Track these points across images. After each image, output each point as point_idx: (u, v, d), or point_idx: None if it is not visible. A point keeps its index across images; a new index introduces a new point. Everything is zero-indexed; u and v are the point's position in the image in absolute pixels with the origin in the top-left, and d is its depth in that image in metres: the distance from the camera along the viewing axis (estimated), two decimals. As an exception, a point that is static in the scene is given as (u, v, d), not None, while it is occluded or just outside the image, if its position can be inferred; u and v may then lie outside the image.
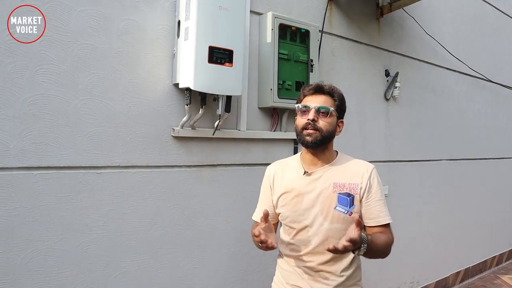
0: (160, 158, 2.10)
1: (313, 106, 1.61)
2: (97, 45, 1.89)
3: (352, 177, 1.65)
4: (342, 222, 1.61)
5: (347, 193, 1.62)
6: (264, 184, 1.84)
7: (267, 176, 1.84)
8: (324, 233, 1.62)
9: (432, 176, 4.00)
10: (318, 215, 1.63)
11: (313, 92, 1.66)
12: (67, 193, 1.82)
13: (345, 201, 1.62)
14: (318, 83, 1.68)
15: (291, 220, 1.69)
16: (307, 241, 1.65)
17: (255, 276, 2.53)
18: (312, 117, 1.60)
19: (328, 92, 1.66)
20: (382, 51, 3.39)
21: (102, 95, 1.90)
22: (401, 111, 3.61)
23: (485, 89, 4.73)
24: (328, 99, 1.65)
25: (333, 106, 1.64)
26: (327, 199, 1.63)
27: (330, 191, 1.63)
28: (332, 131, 1.65)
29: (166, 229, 2.13)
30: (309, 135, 1.61)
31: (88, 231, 1.88)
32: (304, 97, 1.68)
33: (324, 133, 1.61)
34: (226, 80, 2.04)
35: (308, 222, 1.64)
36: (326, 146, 1.67)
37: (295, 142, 2.71)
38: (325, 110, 1.61)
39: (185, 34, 1.99)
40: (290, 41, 2.53)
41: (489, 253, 5.00)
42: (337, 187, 1.63)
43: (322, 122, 1.61)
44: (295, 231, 1.68)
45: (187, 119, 2.10)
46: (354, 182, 1.65)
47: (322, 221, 1.62)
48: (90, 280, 1.89)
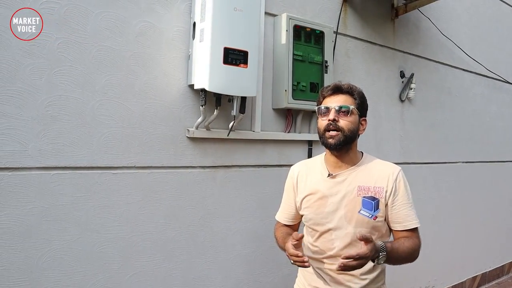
0: (175, 159, 2.11)
1: (333, 106, 1.60)
2: (113, 47, 1.90)
3: (377, 180, 1.62)
4: (366, 226, 1.59)
5: (371, 196, 1.60)
6: (288, 184, 1.84)
7: (290, 176, 1.83)
8: (348, 237, 1.60)
9: (447, 179, 3.95)
10: (342, 219, 1.61)
11: (332, 93, 1.64)
12: (83, 193, 1.84)
13: (370, 205, 1.59)
14: (336, 83, 1.66)
15: (314, 223, 1.67)
16: (330, 244, 1.63)
17: (269, 277, 2.52)
18: (332, 117, 1.58)
19: (347, 91, 1.63)
20: (397, 52, 3.36)
21: (118, 96, 1.92)
22: (416, 113, 3.57)
23: (502, 90, 4.66)
24: (347, 98, 1.62)
25: (353, 104, 1.62)
26: (351, 202, 1.61)
27: (354, 194, 1.61)
28: (355, 130, 1.61)
29: (180, 230, 2.14)
30: (331, 138, 1.58)
31: (104, 231, 1.90)
32: (324, 98, 1.66)
33: (346, 133, 1.58)
34: (241, 81, 2.04)
35: (332, 226, 1.62)
36: (350, 146, 1.64)
37: (309, 144, 2.70)
38: (346, 109, 1.59)
39: (201, 36, 1.99)
40: (304, 42, 2.52)
41: (506, 258, 4.91)
42: (361, 191, 1.61)
43: (343, 122, 1.59)
44: (318, 233, 1.66)
45: (202, 120, 2.10)
46: (379, 185, 1.61)
47: (346, 225, 1.60)
48: (105, 279, 1.91)
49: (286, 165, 2.55)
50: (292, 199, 1.79)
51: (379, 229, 1.62)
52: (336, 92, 1.64)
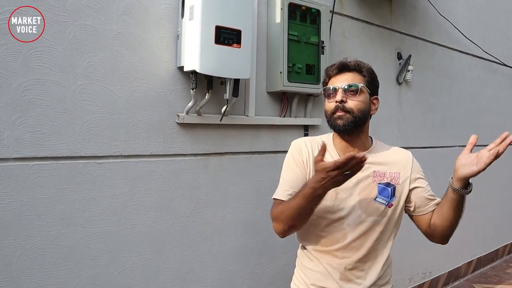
0: (165, 146, 1.98)
1: (340, 86, 1.46)
2: (96, 26, 1.75)
3: (393, 166, 1.53)
4: (380, 215, 1.49)
5: (387, 183, 1.50)
6: (296, 159, 1.54)
7: (298, 151, 1.55)
8: (363, 226, 1.48)
9: (445, 163, 3.86)
10: (355, 206, 1.48)
11: (338, 71, 1.50)
12: (66, 185, 1.70)
13: (386, 191, 1.49)
14: (342, 61, 1.52)
15: (323, 210, 1.48)
16: (342, 234, 1.49)
17: (266, 269, 2.42)
18: (340, 98, 1.44)
19: (354, 68, 1.49)
20: (394, 33, 3.24)
21: (102, 80, 1.78)
22: (413, 96, 3.46)
23: (498, 73, 4.57)
24: (356, 76, 1.48)
25: (362, 82, 1.48)
26: (366, 189, 1.49)
27: (369, 180, 1.50)
28: (365, 110, 1.48)
29: (171, 221, 2.02)
30: (340, 118, 1.44)
31: (89, 225, 1.77)
32: (329, 78, 1.52)
33: (355, 114, 1.44)
34: (234, 63, 1.90)
35: (344, 213, 1.48)
36: (362, 129, 1.51)
37: (305, 129, 2.58)
38: (354, 87, 1.45)
39: (190, 14, 1.85)
40: (300, 22, 2.38)
41: (500, 242, 4.90)
42: (377, 176, 1.50)
43: (352, 102, 1.45)
44: (327, 221, 1.50)
45: (193, 104, 1.97)
46: (395, 171, 1.52)
47: (360, 213, 1.48)
48: (92, 277, 1.78)
49: (282, 152, 2.43)
50: (303, 175, 1.51)
51: (392, 218, 1.52)
52: (342, 70, 1.49)
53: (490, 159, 1.30)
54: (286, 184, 1.50)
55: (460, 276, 4.22)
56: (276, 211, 1.45)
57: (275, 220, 1.45)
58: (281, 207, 1.42)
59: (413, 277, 3.60)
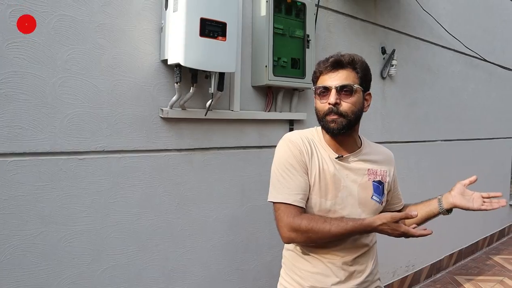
0: (148, 141, 1.93)
1: (333, 86, 1.38)
2: (76, 17, 1.69)
3: (382, 164, 1.54)
4: (375, 212, 1.48)
5: (379, 181, 1.50)
6: (296, 157, 1.43)
7: (299, 150, 1.44)
8: None
9: (427, 157, 3.91)
10: (355, 205, 1.46)
11: (331, 68, 1.40)
12: (46, 182, 1.64)
13: (379, 189, 1.49)
14: (335, 56, 1.42)
15: (324, 208, 1.44)
16: None
17: (251, 265, 2.40)
18: (333, 100, 1.37)
19: (348, 65, 1.40)
20: (379, 27, 3.24)
21: (83, 73, 1.72)
22: (397, 91, 3.47)
23: (478, 68, 4.63)
24: (350, 73, 1.40)
25: (356, 80, 1.40)
26: (363, 187, 1.47)
27: (365, 178, 1.48)
28: (359, 110, 1.42)
29: (155, 218, 1.97)
30: (333, 122, 1.38)
31: (71, 223, 1.71)
32: (321, 74, 1.44)
33: (350, 117, 1.39)
34: (219, 56, 1.86)
35: (345, 212, 1.44)
36: (354, 128, 1.47)
37: (290, 123, 2.56)
38: (348, 88, 1.38)
39: (174, 5, 1.80)
40: (285, 15, 2.35)
41: (480, 234, 4.98)
42: (371, 174, 1.49)
43: (346, 104, 1.38)
44: None
45: (177, 98, 1.92)
46: (384, 169, 1.53)
47: (359, 212, 1.45)
48: (75, 276, 1.73)
49: (267, 147, 2.40)
50: (306, 171, 1.43)
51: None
52: (336, 67, 1.40)
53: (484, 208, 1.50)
54: (295, 187, 1.41)
55: (442, 268, 4.27)
56: (301, 224, 1.35)
57: (297, 231, 1.36)
58: (312, 224, 1.34)
59: (396, 270, 3.63)
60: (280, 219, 1.39)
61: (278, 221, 1.41)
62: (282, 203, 1.40)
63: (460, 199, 1.50)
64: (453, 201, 1.51)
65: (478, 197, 1.49)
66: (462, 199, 1.50)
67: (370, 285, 1.53)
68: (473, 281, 4.04)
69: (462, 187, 1.53)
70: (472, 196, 1.50)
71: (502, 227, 5.50)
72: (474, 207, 1.48)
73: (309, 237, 1.36)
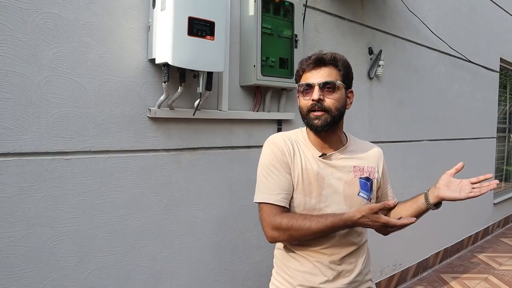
0: (136, 141, 1.91)
1: (316, 83, 1.40)
2: (62, 15, 1.66)
3: (369, 160, 1.53)
4: None
5: (366, 177, 1.49)
6: (278, 158, 1.46)
7: (280, 148, 1.47)
8: None
9: (414, 157, 3.95)
10: (341, 202, 1.45)
11: (313, 66, 1.43)
12: (31, 183, 1.61)
13: (366, 186, 1.48)
14: (317, 54, 1.44)
15: (308, 208, 1.44)
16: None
17: (240, 265, 2.39)
18: (317, 96, 1.38)
19: (330, 62, 1.43)
20: (366, 28, 3.25)
21: (69, 72, 1.69)
22: (384, 91, 3.50)
23: (463, 69, 4.69)
24: (332, 71, 1.42)
25: (338, 77, 1.43)
26: (349, 184, 1.47)
27: (351, 175, 1.47)
28: (342, 107, 1.44)
29: (143, 219, 1.95)
30: (317, 119, 1.40)
31: (57, 225, 1.68)
32: (304, 72, 1.46)
33: (334, 113, 1.40)
34: (207, 55, 1.85)
35: (330, 210, 1.44)
36: (337, 125, 1.47)
37: (278, 123, 2.56)
38: (331, 84, 1.41)
39: (162, 4, 1.78)
40: (273, 15, 2.34)
41: (465, 233, 5.05)
42: (357, 171, 1.48)
43: (329, 100, 1.40)
44: None
45: (165, 98, 1.90)
46: (371, 165, 1.52)
47: (346, 209, 1.44)
48: (61, 278, 1.70)
49: (255, 146, 2.40)
50: (289, 172, 1.45)
51: None
52: (318, 64, 1.42)
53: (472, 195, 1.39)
54: (277, 187, 1.43)
55: (428, 267, 4.31)
56: (282, 222, 1.38)
57: (278, 230, 1.39)
58: (292, 222, 1.37)
59: (384, 269, 3.65)
60: (263, 218, 1.43)
61: (261, 221, 1.45)
62: (264, 203, 1.43)
63: (445, 191, 1.42)
64: (439, 194, 1.42)
65: (466, 184, 1.41)
66: (447, 191, 1.41)
67: (360, 285, 1.52)
68: (458, 279, 4.09)
69: (448, 178, 1.44)
70: (460, 185, 1.41)
71: (487, 225, 5.57)
72: (461, 196, 1.39)
73: (291, 235, 1.39)
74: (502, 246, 5.27)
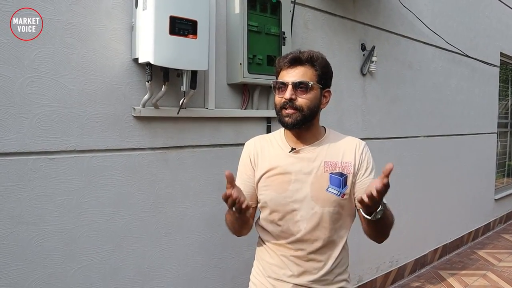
0: (121, 140, 1.93)
1: (290, 82, 1.41)
2: (44, 16, 1.68)
3: (345, 155, 1.49)
4: (334, 205, 1.45)
5: (339, 172, 1.45)
6: (244, 160, 1.59)
7: (247, 151, 1.60)
8: (315, 217, 1.45)
9: (409, 154, 3.93)
10: (307, 198, 1.45)
11: (289, 65, 1.43)
12: (16, 182, 1.64)
13: (338, 181, 1.45)
14: (294, 53, 1.44)
15: (276, 203, 1.47)
16: (296, 227, 1.47)
17: (229, 263, 2.40)
18: (289, 96, 1.40)
19: (307, 61, 1.43)
20: (358, 24, 3.25)
21: (51, 72, 1.71)
22: (378, 87, 3.49)
23: (461, 64, 4.66)
24: (307, 70, 1.42)
25: (314, 77, 1.43)
26: (317, 179, 1.45)
27: (321, 170, 1.46)
28: (315, 106, 1.44)
29: (130, 217, 1.97)
30: (288, 116, 1.42)
31: (42, 223, 1.71)
32: (281, 70, 1.47)
33: (305, 112, 1.41)
34: (190, 54, 1.87)
35: (297, 206, 1.45)
36: (311, 122, 1.48)
37: (267, 121, 2.57)
38: (304, 85, 1.41)
39: (144, 3, 1.80)
40: (260, 12, 2.35)
41: (465, 229, 5.02)
42: (328, 166, 1.46)
43: (301, 100, 1.41)
44: (280, 215, 1.48)
45: (149, 97, 1.92)
46: (346, 160, 1.48)
47: (312, 205, 1.44)
48: (47, 276, 1.73)
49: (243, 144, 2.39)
50: (251, 176, 1.55)
51: (346, 208, 1.49)
52: (294, 63, 1.43)
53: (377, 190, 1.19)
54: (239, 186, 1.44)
55: (426, 263, 4.30)
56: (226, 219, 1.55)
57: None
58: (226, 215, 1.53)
59: (380, 266, 3.65)
60: None
61: None
62: None
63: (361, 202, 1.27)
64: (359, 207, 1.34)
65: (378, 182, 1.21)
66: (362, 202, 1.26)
67: (328, 284, 1.50)
68: (456, 276, 4.08)
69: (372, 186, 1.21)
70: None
71: (487, 221, 5.55)
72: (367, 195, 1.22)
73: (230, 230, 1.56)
74: (503, 242, 5.24)
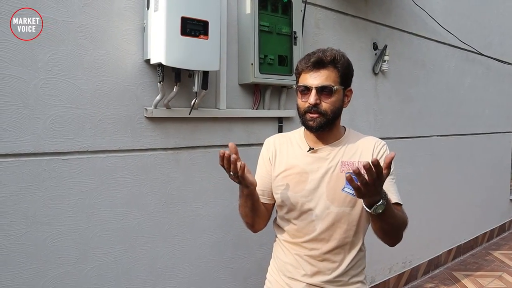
0: (133, 141, 1.94)
1: (314, 86, 1.39)
2: (57, 18, 1.70)
3: (362, 155, 1.47)
4: (351, 205, 1.44)
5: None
6: (263, 156, 1.61)
7: (266, 148, 1.61)
8: (330, 217, 1.44)
9: (422, 153, 3.90)
10: (323, 197, 1.45)
11: (312, 68, 1.41)
12: (30, 183, 1.66)
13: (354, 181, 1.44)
14: (317, 55, 1.41)
15: (292, 202, 1.48)
16: (311, 226, 1.47)
17: (242, 263, 2.40)
18: (313, 101, 1.39)
19: (330, 64, 1.40)
20: (370, 23, 3.23)
21: (65, 74, 1.73)
22: (390, 86, 3.46)
23: (475, 62, 4.61)
24: (330, 73, 1.40)
25: (336, 79, 1.41)
26: (333, 179, 1.45)
27: (337, 170, 1.46)
28: (338, 109, 1.45)
29: (142, 217, 1.99)
30: (312, 120, 1.42)
31: (56, 223, 1.73)
32: (302, 72, 1.44)
33: (329, 116, 1.41)
34: (201, 54, 1.87)
35: (312, 205, 1.46)
36: (334, 124, 1.47)
37: (279, 121, 2.56)
38: (328, 89, 1.39)
39: (155, 5, 1.81)
40: (271, 12, 2.35)
41: (480, 230, 4.96)
42: (345, 166, 1.46)
43: (325, 105, 1.40)
44: (296, 214, 1.49)
45: (161, 97, 1.93)
46: (364, 160, 1.42)
47: (328, 204, 1.44)
48: (60, 275, 1.74)
49: (255, 144, 2.41)
50: (269, 171, 1.57)
51: (361, 208, 1.45)
52: (317, 66, 1.40)
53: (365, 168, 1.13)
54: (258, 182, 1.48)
55: (440, 264, 4.26)
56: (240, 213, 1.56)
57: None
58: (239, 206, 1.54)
59: (392, 266, 3.62)
60: None
61: None
62: None
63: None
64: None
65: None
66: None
67: (343, 286, 1.49)
68: (471, 277, 4.03)
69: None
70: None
71: (503, 222, 5.47)
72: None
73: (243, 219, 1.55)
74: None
